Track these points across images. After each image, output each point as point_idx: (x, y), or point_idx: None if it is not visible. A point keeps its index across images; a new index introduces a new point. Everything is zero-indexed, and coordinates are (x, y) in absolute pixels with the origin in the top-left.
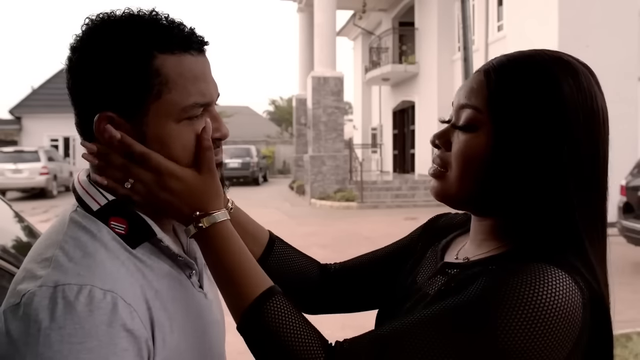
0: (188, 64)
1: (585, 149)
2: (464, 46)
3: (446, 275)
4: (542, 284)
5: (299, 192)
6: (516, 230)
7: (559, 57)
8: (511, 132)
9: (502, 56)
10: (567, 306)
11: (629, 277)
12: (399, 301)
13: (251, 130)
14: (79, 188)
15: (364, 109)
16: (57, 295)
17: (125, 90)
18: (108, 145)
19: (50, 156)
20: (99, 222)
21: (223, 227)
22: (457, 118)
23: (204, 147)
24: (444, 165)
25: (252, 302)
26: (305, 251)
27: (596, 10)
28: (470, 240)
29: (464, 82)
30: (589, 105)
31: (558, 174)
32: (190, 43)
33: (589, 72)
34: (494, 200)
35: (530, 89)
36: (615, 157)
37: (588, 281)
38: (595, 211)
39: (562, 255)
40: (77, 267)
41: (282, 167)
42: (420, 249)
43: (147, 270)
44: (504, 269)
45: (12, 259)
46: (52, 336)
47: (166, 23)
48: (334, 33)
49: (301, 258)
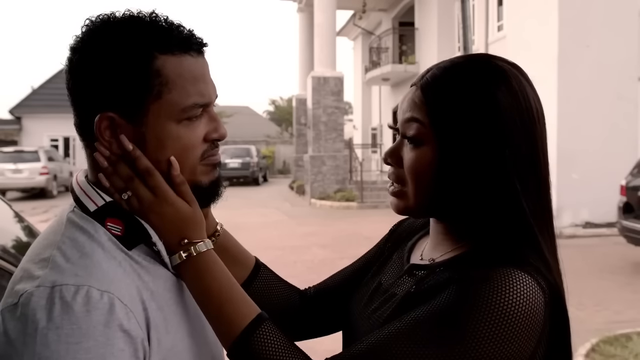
0: (188, 65)
1: (525, 148)
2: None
3: (413, 276)
4: (508, 292)
5: (299, 192)
6: (473, 230)
7: (488, 62)
8: (454, 143)
9: (435, 68)
10: (532, 309)
11: (629, 277)
12: (364, 303)
13: (251, 130)
14: (77, 189)
15: (364, 109)
16: (55, 295)
17: (126, 90)
18: (109, 147)
19: (50, 156)
20: (96, 223)
21: (210, 255)
22: (404, 130)
23: (176, 183)
24: (400, 182)
25: (241, 331)
26: (306, 251)
27: (596, 10)
28: (431, 240)
29: (405, 95)
30: (523, 106)
31: (503, 176)
32: (189, 44)
33: (518, 72)
34: (449, 207)
35: (465, 99)
36: (615, 157)
37: (546, 277)
38: (541, 203)
39: (519, 252)
40: (74, 268)
41: (282, 167)
42: (386, 255)
43: (142, 272)
44: (471, 277)
45: (12, 259)
46: (49, 336)
47: (166, 25)
48: (334, 33)
49: (283, 285)
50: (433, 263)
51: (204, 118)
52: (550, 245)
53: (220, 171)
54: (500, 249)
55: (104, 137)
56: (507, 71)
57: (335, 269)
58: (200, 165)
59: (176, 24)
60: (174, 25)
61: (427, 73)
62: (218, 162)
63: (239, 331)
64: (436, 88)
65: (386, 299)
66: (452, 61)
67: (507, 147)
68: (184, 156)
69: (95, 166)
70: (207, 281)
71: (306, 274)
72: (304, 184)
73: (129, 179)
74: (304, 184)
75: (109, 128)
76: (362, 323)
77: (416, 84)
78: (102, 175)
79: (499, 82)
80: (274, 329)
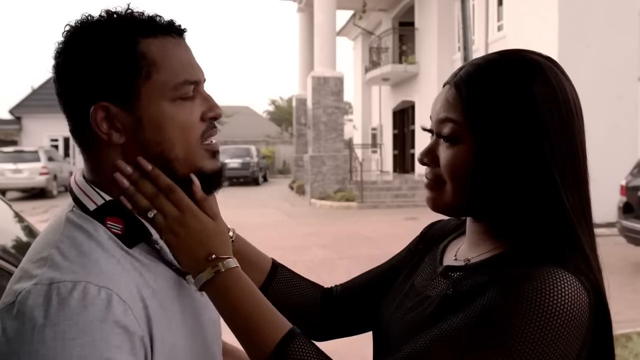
0: (171, 47)
1: (564, 141)
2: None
3: (448, 278)
4: (553, 291)
5: (299, 192)
6: (512, 229)
7: (522, 57)
8: (491, 140)
9: (468, 65)
10: (577, 310)
11: (629, 277)
12: (396, 305)
13: (251, 130)
14: (76, 188)
15: (364, 109)
16: (52, 292)
17: (115, 76)
18: (108, 140)
19: (50, 156)
20: (96, 222)
21: (237, 272)
22: (439, 130)
23: (198, 199)
24: (437, 180)
25: (274, 349)
26: (306, 251)
27: (596, 10)
28: (467, 241)
29: (438, 95)
30: (560, 99)
31: (542, 171)
32: (170, 28)
33: (553, 65)
34: (487, 205)
35: (501, 95)
36: (615, 157)
37: (589, 277)
38: (581, 198)
39: (560, 250)
40: (72, 266)
41: (282, 167)
42: (418, 258)
43: (144, 270)
44: (512, 277)
45: (12, 259)
46: (46, 333)
47: (144, 15)
48: (334, 33)
49: (304, 283)
50: (469, 264)
51: (197, 99)
52: (590, 242)
53: (221, 161)
54: (541, 248)
55: (102, 130)
56: (542, 64)
57: (335, 268)
58: (201, 149)
59: (153, 14)
60: (152, 15)
61: (461, 71)
62: (217, 150)
63: (272, 347)
64: (470, 85)
65: (420, 300)
66: (484, 58)
67: (545, 141)
68: (183, 136)
69: (94, 168)
70: (236, 298)
71: (306, 273)
72: (304, 184)
73: (154, 196)
74: (304, 184)
75: (105, 119)
76: (394, 326)
77: (450, 82)
78: (123, 198)
79: (535, 76)
80: (307, 343)
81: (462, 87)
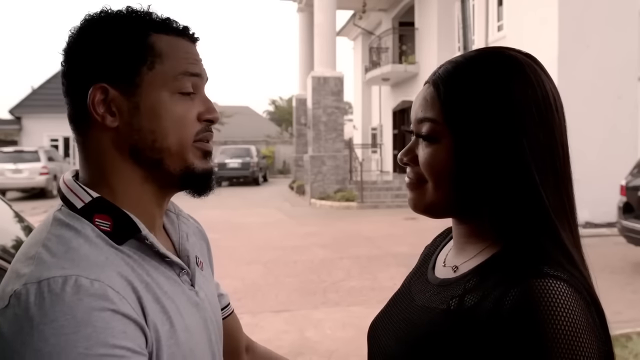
0: (182, 45)
1: (543, 139)
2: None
3: (445, 289)
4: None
5: (299, 192)
6: (494, 228)
7: (501, 54)
8: (469, 138)
9: (447, 63)
10: (582, 316)
11: (629, 277)
12: (390, 309)
13: (251, 130)
14: (64, 187)
15: (364, 109)
16: (43, 289)
17: (121, 59)
18: (102, 122)
19: (50, 156)
20: (83, 219)
21: None
22: (418, 130)
23: None
24: (418, 180)
25: None
26: (306, 251)
27: (596, 10)
28: (454, 245)
29: (418, 94)
30: (539, 96)
31: (520, 168)
32: (184, 31)
33: (533, 62)
34: (468, 204)
35: (480, 93)
36: (615, 157)
37: (581, 282)
38: (562, 195)
39: (543, 250)
40: (60, 262)
41: (282, 167)
42: (417, 264)
43: (135, 265)
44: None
45: (12, 259)
46: (45, 331)
47: (161, 16)
48: (334, 33)
49: None
50: (460, 275)
51: (197, 99)
52: (573, 239)
53: (215, 166)
54: (524, 249)
55: (97, 111)
56: (520, 61)
57: (335, 269)
58: (193, 146)
59: (172, 18)
60: (170, 18)
61: (440, 69)
62: (210, 151)
63: None
64: (448, 82)
65: (416, 309)
66: (463, 55)
67: (523, 138)
68: (178, 129)
69: (85, 157)
70: None
71: (306, 273)
72: (304, 184)
73: None
74: (304, 184)
75: (102, 102)
76: (383, 331)
77: (429, 81)
78: None
79: (513, 72)
80: None
81: (440, 85)
